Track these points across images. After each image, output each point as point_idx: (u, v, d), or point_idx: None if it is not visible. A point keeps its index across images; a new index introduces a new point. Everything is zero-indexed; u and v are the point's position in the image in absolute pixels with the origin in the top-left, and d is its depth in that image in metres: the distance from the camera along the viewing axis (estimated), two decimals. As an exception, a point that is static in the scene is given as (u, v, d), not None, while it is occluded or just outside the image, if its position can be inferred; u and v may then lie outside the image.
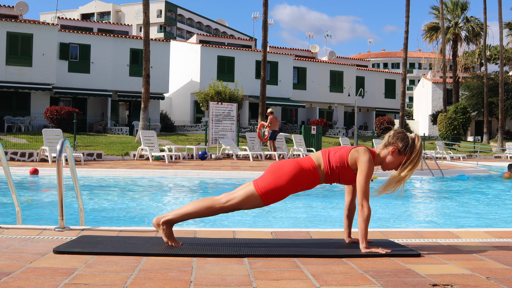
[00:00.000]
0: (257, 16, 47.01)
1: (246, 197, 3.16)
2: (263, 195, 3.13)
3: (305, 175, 3.20)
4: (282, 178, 3.15)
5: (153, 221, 3.26)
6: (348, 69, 38.50)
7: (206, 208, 3.20)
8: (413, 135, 3.31)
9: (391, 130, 3.38)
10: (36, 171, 11.59)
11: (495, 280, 2.56)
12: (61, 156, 3.79)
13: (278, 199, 3.19)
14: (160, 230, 3.23)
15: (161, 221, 3.22)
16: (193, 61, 33.03)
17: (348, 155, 3.20)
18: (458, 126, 34.59)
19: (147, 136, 16.63)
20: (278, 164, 3.25)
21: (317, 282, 2.48)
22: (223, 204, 3.18)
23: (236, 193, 3.21)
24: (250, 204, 3.18)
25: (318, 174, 3.23)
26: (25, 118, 24.99)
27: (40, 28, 26.16)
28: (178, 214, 3.23)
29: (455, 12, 42.71)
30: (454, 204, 8.53)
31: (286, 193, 3.19)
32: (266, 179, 3.17)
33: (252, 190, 3.16)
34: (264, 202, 3.17)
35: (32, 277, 2.45)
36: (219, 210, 3.20)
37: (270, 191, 3.14)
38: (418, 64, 75.24)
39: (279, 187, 3.14)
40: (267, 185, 3.14)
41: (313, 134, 21.52)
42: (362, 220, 3.13)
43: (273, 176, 3.16)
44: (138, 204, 7.70)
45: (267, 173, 3.20)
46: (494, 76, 41.04)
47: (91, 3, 69.32)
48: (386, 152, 3.28)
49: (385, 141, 3.32)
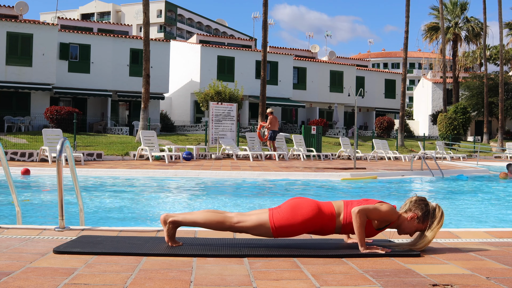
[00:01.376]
0: (257, 16, 47.00)
1: (258, 224, 3.17)
2: (275, 228, 3.15)
3: (322, 220, 3.21)
4: (298, 217, 3.15)
5: (161, 217, 3.27)
6: (348, 69, 38.50)
7: (216, 223, 3.22)
8: (434, 205, 3.32)
9: (413, 197, 3.37)
10: (28, 171, 11.53)
11: (495, 280, 2.56)
12: (61, 156, 3.79)
13: (288, 236, 3.21)
14: (165, 228, 3.24)
15: (169, 220, 3.24)
16: (193, 61, 33.03)
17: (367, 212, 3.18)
18: (458, 126, 34.59)
19: (147, 136, 16.63)
20: (298, 201, 3.24)
21: (317, 282, 2.48)
22: (234, 223, 3.20)
23: (249, 216, 3.22)
24: (259, 231, 3.19)
25: (335, 222, 3.24)
26: (25, 118, 24.99)
27: (40, 28, 26.16)
28: (187, 218, 3.25)
29: (455, 12, 42.72)
30: (454, 204, 8.53)
31: (299, 232, 3.21)
32: (282, 213, 3.17)
33: (266, 219, 3.17)
34: (274, 235, 3.19)
35: (32, 277, 2.45)
36: (228, 228, 3.23)
37: (283, 226, 3.15)
38: (418, 64, 75.25)
39: (293, 225, 3.15)
40: (281, 220, 3.15)
41: (313, 134, 21.51)
42: (357, 226, 3.14)
43: (290, 213, 3.16)
44: (138, 204, 7.70)
45: (286, 207, 3.20)
46: (494, 76, 41.04)
47: (91, 3, 69.32)
48: (405, 217, 3.29)
49: (406, 207, 3.32)
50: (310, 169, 13.61)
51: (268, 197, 9.01)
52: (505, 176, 13.46)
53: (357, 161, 19.00)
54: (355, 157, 14.77)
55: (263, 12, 24.85)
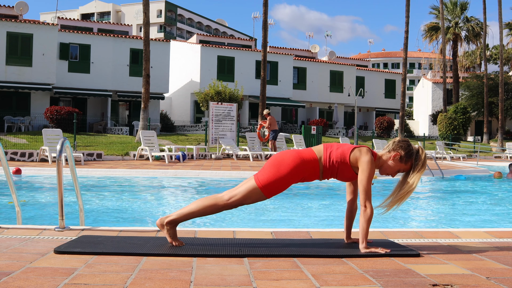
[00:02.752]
0: (257, 16, 47.01)
1: (248, 192, 3.18)
2: (263, 188, 3.15)
3: (306, 166, 3.21)
4: (283, 169, 3.16)
5: (157, 222, 3.27)
6: (348, 69, 38.50)
7: (210, 206, 3.21)
8: (417, 146, 3.35)
9: (396, 137, 3.42)
10: (19, 171, 11.51)
11: (495, 280, 2.56)
12: (61, 156, 3.79)
13: (279, 191, 3.20)
14: (164, 230, 3.24)
15: (165, 222, 3.24)
16: (193, 61, 33.03)
17: (350, 153, 3.22)
18: (458, 126, 34.59)
19: (147, 136, 16.63)
20: (278, 156, 3.25)
21: (317, 282, 2.48)
22: (226, 201, 3.20)
23: (238, 189, 3.22)
24: (252, 198, 3.19)
25: (318, 167, 3.25)
26: (25, 118, 24.98)
27: (40, 28, 26.16)
28: (181, 213, 3.24)
29: (455, 12, 42.71)
30: (454, 204, 8.53)
31: (287, 184, 3.20)
32: (266, 172, 3.19)
33: (253, 184, 3.18)
34: (266, 195, 3.18)
35: (32, 277, 2.45)
36: (222, 208, 3.22)
37: (270, 183, 3.15)
38: (418, 64, 75.23)
39: (279, 178, 3.16)
40: (267, 178, 3.16)
41: (313, 134, 21.53)
42: (364, 221, 3.14)
43: (274, 169, 3.17)
44: (138, 204, 7.70)
45: (267, 166, 3.22)
46: (494, 76, 41.04)
47: (91, 3, 69.31)
48: (388, 157, 3.31)
49: (389, 146, 3.35)
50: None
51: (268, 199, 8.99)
52: (499, 176, 13.47)
53: (357, 161, 18.96)
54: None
55: (263, 12, 24.85)
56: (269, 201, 8.34)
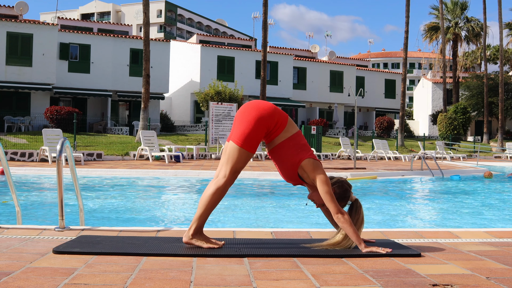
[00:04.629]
0: (257, 16, 47.01)
1: (234, 157, 3.20)
2: (243, 144, 3.18)
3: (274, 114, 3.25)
4: (249, 122, 3.19)
5: (184, 240, 3.25)
6: (348, 69, 38.49)
7: (215, 194, 3.21)
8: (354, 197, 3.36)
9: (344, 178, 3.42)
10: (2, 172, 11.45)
11: (495, 280, 2.56)
12: (61, 156, 3.79)
13: (258, 140, 3.23)
14: (195, 242, 3.23)
15: (190, 235, 3.24)
16: (193, 61, 33.03)
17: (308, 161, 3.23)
18: (458, 126, 34.59)
19: (147, 136, 16.63)
20: (241, 111, 3.27)
21: (317, 282, 2.48)
22: (224, 178, 3.21)
23: (225, 162, 3.24)
24: (242, 159, 3.20)
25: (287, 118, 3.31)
26: (25, 118, 24.98)
27: (40, 28, 26.16)
28: (197, 218, 3.24)
29: (455, 12, 42.72)
30: (454, 204, 8.53)
31: (260, 132, 3.21)
32: (237, 130, 3.22)
33: (234, 147, 3.20)
34: (250, 150, 3.20)
35: (32, 277, 2.45)
36: (225, 187, 3.22)
37: (246, 137, 3.18)
38: (418, 64, 75.24)
39: (251, 130, 3.18)
40: (241, 134, 3.19)
41: (313, 134, 21.51)
42: (347, 226, 3.16)
43: (242, 124, 3.20)
44: (138, 204, 7.70)
45: (236, 125, 3.25)
46: (494, 76, 41.04)
47: (91, 3, 69.32)
48: None
49: (333, 180, 3.34)
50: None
51: (268, 197, 9.01)
52: (489, 175, 13.48)
53: (357, 161, 19.00)
54: (355, 157, 14.77)
55: (263, 12, 24.85)
56: (269, 201, 8.34)
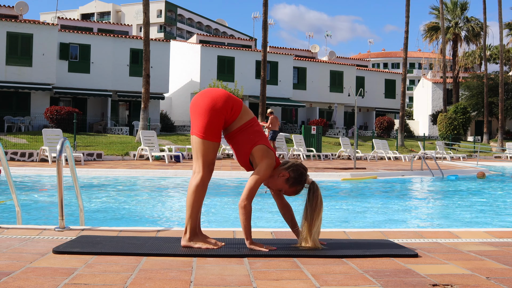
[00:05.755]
0: (257, 16, 47.01)
1: (201, 150, 3.18)
2: (206, 136, 3.16)
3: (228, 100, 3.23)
4: (206, 112, 3.16)
5: (182, 244, 3.24)
6: (348, 69, 38.49)
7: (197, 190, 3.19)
8: (311, 179, 3.31)
9: (299, 161, 3.37)
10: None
11: (495, 280, 2.56)
12: (61, 156, 3.79)
13: (219, 128, 3.20)
14: (193, 244, 3.22)
15: (188, 238, 3.23)
16: (193, 61, 33.03)
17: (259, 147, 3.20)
18: (458, 126, 34.59)
19: (147, 136, 16.63)
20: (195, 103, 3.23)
21: (317, 282, 2.48)
22: (200, 173, 3.20)
23: (195, 158, 3.23)
24: (209, 150, 3.18)
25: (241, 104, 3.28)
26: (25, 118, 24.98)
27: (40, 28, 26.16)
28: (188, 219, 3.23)
29: (455, 12, 42.73)
30: (454, 204, 8.53)
31: (220, 120, 3.18)
32: (195, 124, 3.20)
33: (198, 141, 3.19)
34: (214, 140, 3.18)
35: (32, 277, 2.45)
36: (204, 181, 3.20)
37: (206, 129, 3.15)
38: (418, 64, 75.24)
39: (209, 120, 3.15)
40: (201, 127, 3.16)
41: (313, 134, 21.51)
42: (245, 218, 3.14)
43: (200, 117, 3.17)
44: (138, 204, 7.70)
45: (192, 118, 3.23)
46: (494, 76, 41.05)
47: (91, 3, 69.32)
48: (279, 173, 3.25)
49: (287, 164, 3.29)
50: (310, 169, 13.56)
51: (268, 197, 9.00)
52: (481, 176, 13.48)
53: (357, 161, 19.00)
54: (355, 157, 14.77)
55: (263, 12, 24.85)
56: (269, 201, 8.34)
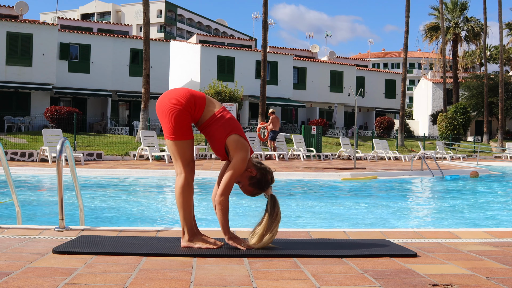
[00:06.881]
0: (257, 16, 47.02)
1: (176, 151, 3.17)
2: (176, 137, 3.14)
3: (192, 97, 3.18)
4: (170, 114, 3.13)
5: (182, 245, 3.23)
6: (348, 69, 38.50)
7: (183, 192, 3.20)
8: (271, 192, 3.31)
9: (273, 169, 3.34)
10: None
11: (495, 280, 2.56)
12: (61, 156, 3.79)
13: (187, 127, 3.16)
14: (194, 245, 3.21)
15: (187, 240, 3.23)
16: (193, 61, 33.03)
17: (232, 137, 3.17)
18: (458, 126, 34.58)
19: (147, 136, 16.63)
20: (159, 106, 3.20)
21: (317, 282, 2.48)
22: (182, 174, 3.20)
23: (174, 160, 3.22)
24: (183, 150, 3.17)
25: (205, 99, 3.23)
26: (25, 118, 24.98)
27: (40, 28, 26.16)
28: (182, 221, 3.24)
29: (455, 12, 42.72)
30: (454, 204, 8.53)
31: (186, 119, 3.15)
32: (164, 126, 3.18)
33: (170, 143, 3.18)
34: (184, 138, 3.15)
35: (32, 277, 2.45)
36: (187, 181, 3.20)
37: (174, 130, 3.13)
38: (418, 64, 75.23)
39: (175, 122, 3.12)
40: (169, 129, 3.14)
41: (313, 134, 21.50)
42: (222, 214, 3.15)
43: (165, 120, 3.15)
44: (138, 204, 7.70)
45: (161, 120, 3.20)
46: (494, 76, 41.05)
47: (91, 3, 69.32)
48: (249, 167, 3.23)
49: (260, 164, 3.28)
50: (310, 169, 13.61)
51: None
52: (475, 175, 13.48)
53: (357, 161, 19.00)
54: (355, 157, 14.77)
55: (263, 12, 24.85)
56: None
